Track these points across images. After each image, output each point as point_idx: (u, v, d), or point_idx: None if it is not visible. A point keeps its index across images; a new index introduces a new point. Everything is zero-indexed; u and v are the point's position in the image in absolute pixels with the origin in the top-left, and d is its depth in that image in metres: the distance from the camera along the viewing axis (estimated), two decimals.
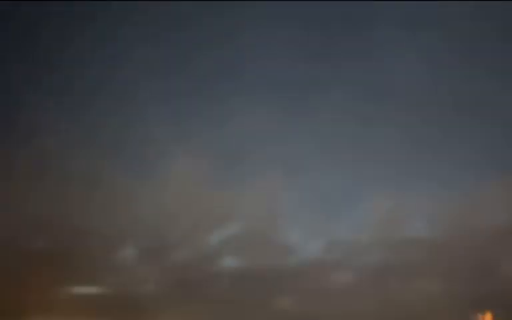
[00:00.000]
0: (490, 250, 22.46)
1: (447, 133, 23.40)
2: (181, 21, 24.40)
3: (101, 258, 24.12)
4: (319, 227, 24.20)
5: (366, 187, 23.66)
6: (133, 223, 24.19)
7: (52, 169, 24.27)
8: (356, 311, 22.53)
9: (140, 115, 24.39)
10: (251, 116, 24.15)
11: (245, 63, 24.21)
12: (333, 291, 23.43)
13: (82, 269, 23.74)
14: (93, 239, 23.86)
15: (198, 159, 24.35)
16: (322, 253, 23.98)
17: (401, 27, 23.33)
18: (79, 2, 23.72)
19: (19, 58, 23.92)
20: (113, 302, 23.46)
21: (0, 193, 23.12)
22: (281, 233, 24.38)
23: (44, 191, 23.93)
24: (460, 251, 22.74)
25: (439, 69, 23.16)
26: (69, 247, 23.62)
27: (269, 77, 24.02)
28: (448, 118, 23.47)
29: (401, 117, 23.57)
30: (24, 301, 22.74)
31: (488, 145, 23.34)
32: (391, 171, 23.73)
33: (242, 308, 23.25)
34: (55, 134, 24.01)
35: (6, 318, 22.41)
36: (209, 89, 24.39)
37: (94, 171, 24.43)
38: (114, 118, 24.52)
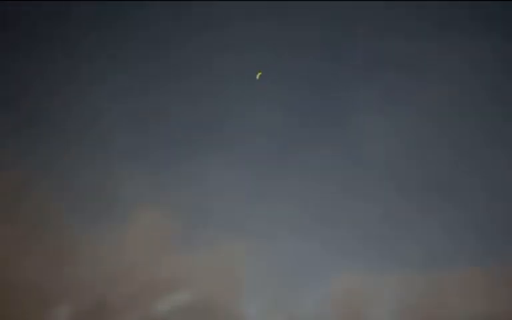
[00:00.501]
0: None
1: (420, 215, 22.87)
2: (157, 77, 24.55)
3: (31, 316, 21.11)
4: (279, 301, 22.07)
5: (333, 263, 22.20)
6: (72, 278, 21.67)
7: None
8: None
9: (104, 163, 23.33)
10: (219, 178, 23.44)
11: (222, 123, 24.12)
12: None
13: None
14: (25, 293, 21.13)
15: (157, 218, 22.87)
16: None
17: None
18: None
19: None
20: None
21: None
22: (238, 304, 22.04)
23: None
24: None
25: (417, 149, 23.55)
26: None
27: (245, 137, 23.80)
28: (423, 200, 23.21)
29: (375, 194, 23.17)
30: None
31: (460, 231, 22.73)
32: (360, 249, 22.56)
33: None
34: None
35: None
36: (183, 145, 23.86)
37: (39, 216, 22.58)
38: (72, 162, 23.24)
